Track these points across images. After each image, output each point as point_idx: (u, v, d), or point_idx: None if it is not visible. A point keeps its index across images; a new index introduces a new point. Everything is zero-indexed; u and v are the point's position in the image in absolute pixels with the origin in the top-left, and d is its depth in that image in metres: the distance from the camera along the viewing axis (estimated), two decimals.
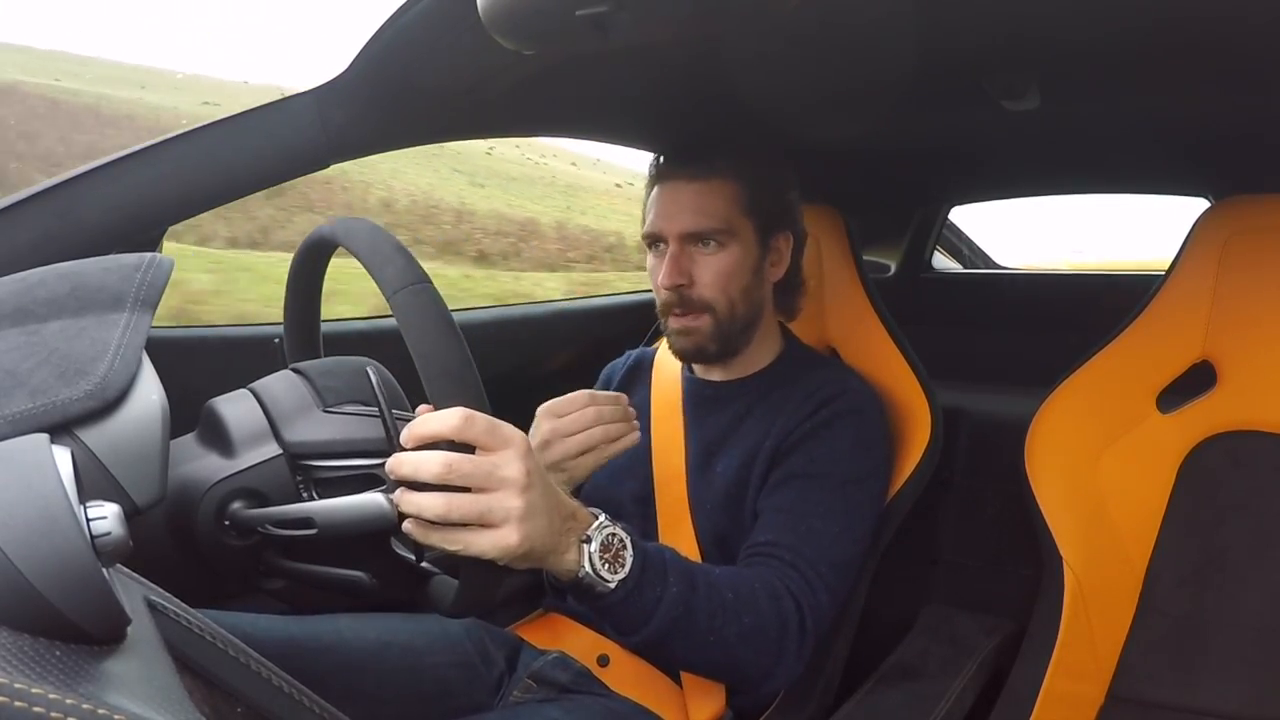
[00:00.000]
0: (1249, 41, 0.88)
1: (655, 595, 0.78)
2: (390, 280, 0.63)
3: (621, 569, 0.75)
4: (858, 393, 1.06)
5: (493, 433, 0.63)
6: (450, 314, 0.63)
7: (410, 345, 0.61)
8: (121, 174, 0.86)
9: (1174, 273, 1.11)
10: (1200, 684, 1.03)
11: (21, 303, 0.54)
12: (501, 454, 0.64)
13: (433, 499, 0.63)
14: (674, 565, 0.80)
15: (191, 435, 0.78)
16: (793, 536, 0.93)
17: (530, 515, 0.65)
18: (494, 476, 0.63)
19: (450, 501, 0.63)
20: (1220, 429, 1.07)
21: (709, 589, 0.82)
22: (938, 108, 1.21)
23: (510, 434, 0.65)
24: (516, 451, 0.64)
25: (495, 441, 0.63)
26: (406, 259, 0.65)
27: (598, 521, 0.74)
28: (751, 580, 0.88)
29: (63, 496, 0.38)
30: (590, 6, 0.64)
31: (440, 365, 0.62)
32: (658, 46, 0.90)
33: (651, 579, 0.77)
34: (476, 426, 0.62)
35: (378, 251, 0.65)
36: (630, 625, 0.79)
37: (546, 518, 0.67)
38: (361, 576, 0.74)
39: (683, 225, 1.04)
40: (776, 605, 0.87)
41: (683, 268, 1.04)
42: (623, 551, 0.75)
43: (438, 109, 1.04)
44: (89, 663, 0.35)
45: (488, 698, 1.02)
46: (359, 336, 1.35)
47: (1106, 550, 1.08)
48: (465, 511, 0.63)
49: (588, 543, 0.73)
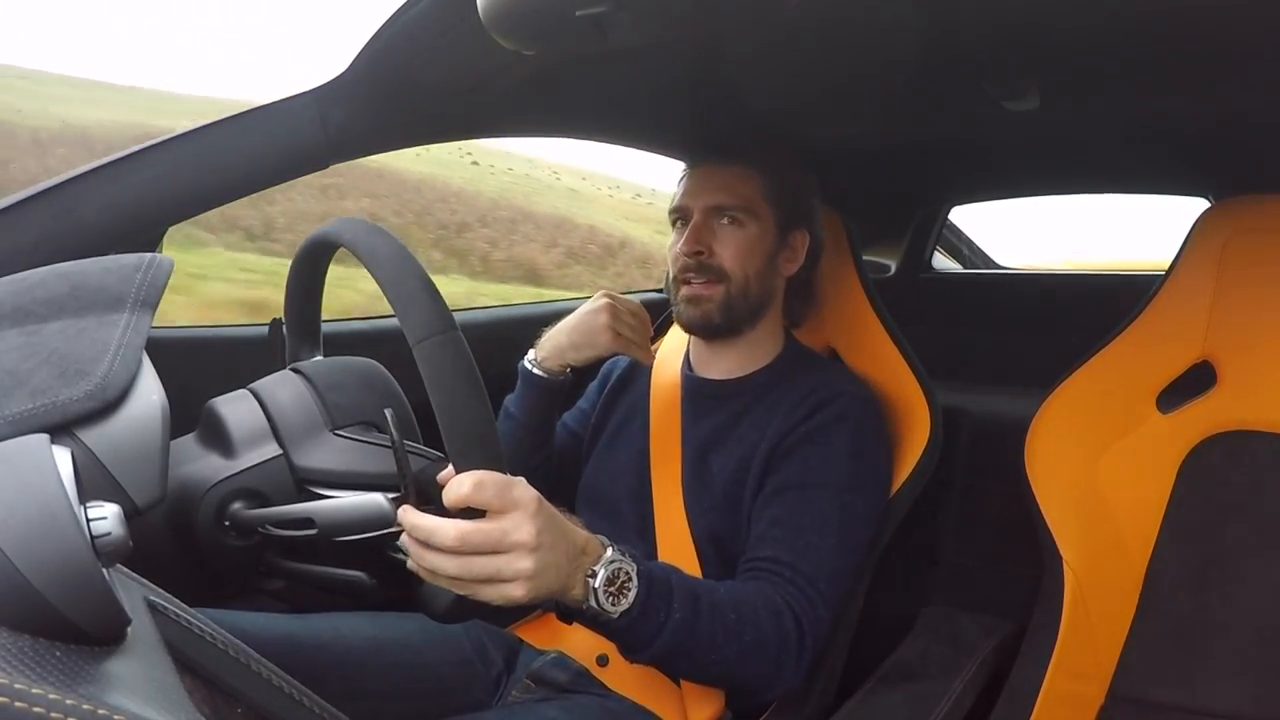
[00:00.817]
0: (1249, 41, 0.88)
1: (659, 621, 0.79)
2: (416, 326, 0.61)
3: (625, 599, 0.76)
4: (855, 397, 1.06)
5: (503, 496, 0.64)
6: (474, 367, 0.62)
7: (432, 396, 0.61)
8: (121, 174, 0.86)
9: (1174, 273, 1.11)
10: (1200, 684, 1.03)
11: (21, 303, 0.54)
12: (512, 516, 0.65)
13: (447, 562, 0.64)
14: (679, 589, 0.82)
15: (192, 435, 0.78)
16: (791, 552, 0.94)
17: (539, 573, 0.67)
18: (505, 541, 0.65)
19: (464, 566, 0.64)
20: (1220, 429, 1.07)
21: (712, 610, 0.83)
22: (938, 108, 1.21)
23: (520, 495, 0.66)
24: (526, 513, 0.66)
25: (506, 505, 0.65)
26: (434, 301, 0.63)
27: (605, 555, 0.75)
28: (754, 597, 0.89)
29: (63, 497, 0.38)
30: (590, 6, 0.64)
31: (462, 424, 0.61)
32: (657, 47, 0.90)
33: (656, 605, 0.79)
34: (487, 492, 0.63)
35: (403, 286, 0.63)
36: (633, 648, 0.81)
37: (555, 569, 0.69)
38: (361, 576, 0.74)
39: (708, 199, 1.09)
40: (777, 621, 0.89)
41: (703, 238, 1.08)
42: (628, 583, 0.76)
43: (438, 109, 1.04)
44: (89, 663, 0.35)
45: (486, 697, 1.02)
46: (359, 336, 1.35)
47: (1107, 550, 1.08)
48: (477, 574, 0.65)
49: (593, 577, 0.74)
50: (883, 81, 1.08)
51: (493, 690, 1.03)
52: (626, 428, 1.18)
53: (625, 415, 1.19)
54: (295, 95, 0.94)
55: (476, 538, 0.64)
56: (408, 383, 0.78)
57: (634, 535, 1.08)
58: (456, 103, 1.03)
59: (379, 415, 0.76)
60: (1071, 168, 1.61)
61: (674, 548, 1.05)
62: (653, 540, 1.07)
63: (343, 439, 0.76)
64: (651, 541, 1.07)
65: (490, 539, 0.64)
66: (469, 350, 0.62)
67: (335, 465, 0.75)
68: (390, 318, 1.29)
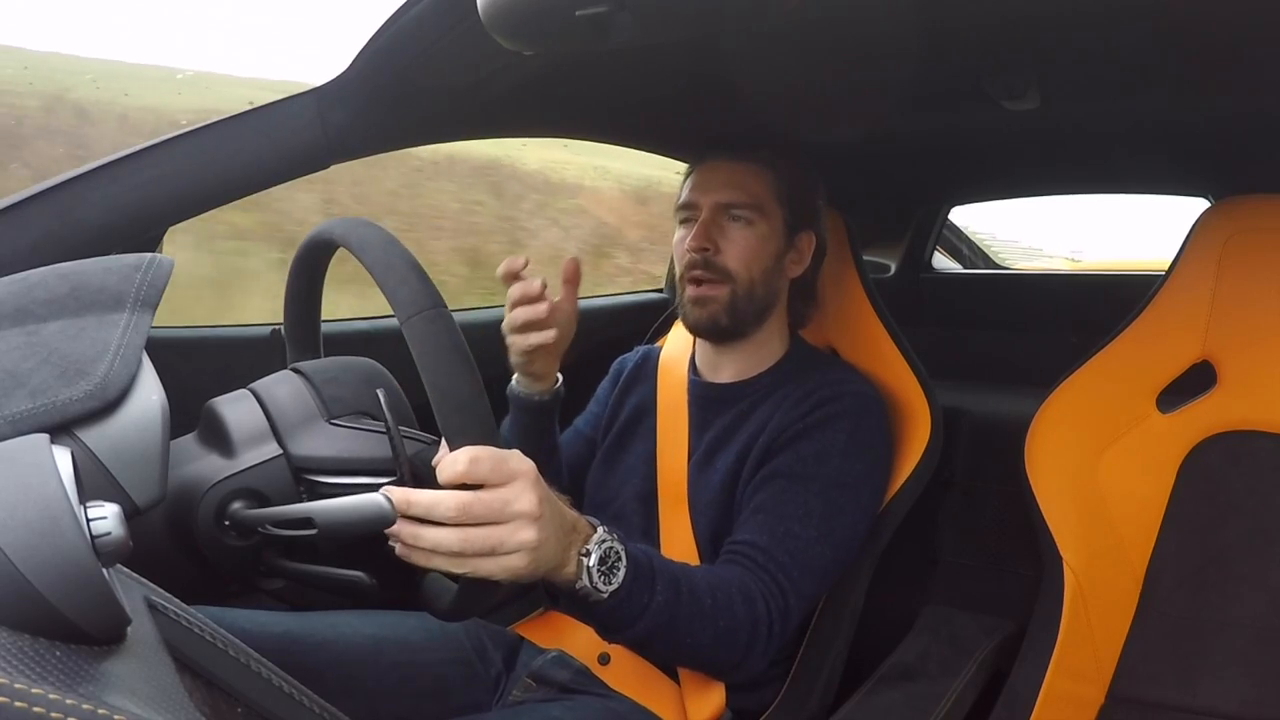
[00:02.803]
0: (1249, 42, 0.88)
1: (642, 603, 0.80)
2: (404, 304, 0.62)
3: (615, 579, 0.77)
4: (858, 394, 1.05)
5: (500, 468, 0.64)
6: (463, 342, 0.62)
7: (422, 373, 0.61)
8: (121, 174, 0.86)
9: (1174, 273, 1.11)
10: (1200, 684, 1.03)
11: (21, 303, 0.54)
12: (512, 487, 0.65)
13: (449, 535, 0.63)
14: (661, 573, 0.82)
15: (191, 435, 0.78)
16: (770, 539, 0.94)
17: (541, 544, 0.67)
18: (507, 511, 0.64)
19: (465, 538, 0.63)
20: (1220, 429, 1.07)
21: (690, 596, 0.84)
22: (938, 108, 1.21)
23: (518, 466, 0.65)
24: (526, 482, 0.65)
25: (504, 475, 0.64)
26: (421, 280, 0.63)
27: (597, 534, 0.76)
28: (729, 584, 0.89)
29: (63, 497, 0.38)
30: (590, 6, 0.64)
31: (452, 399, 0.62)
32: (658, 46, 0.90)
33: (641, 588, 0.79)
34: (483, 466, 0.63)
35: (391, 269, 0.64)
36: (615, 628, 0.82)
37: (555, 541, 0.69)
38: (361, 576, 0.74)
39: (717, 196, 1.07)
40: (750, 609, 0.89)
41: (711, 234, 1.07)
42: (618, 563, 0.77)
43: (438, 109, 1.04)
44: (89, 663, 0.35)
45: (486, 696, 1.02)
46: (359, 336, 1.35)
47: (1106, 550, 1.08)
48: (480, 546, 0.64)
49: (587, 556, 0.74)
50: (883, 81, 1.08)
51: (493, 690, 1.03)
52: (634, 430, 1.18)
53: (633, 416, 1.19)
54: (295, 95, 0.94)
55: (478, 508, 0.63)
56: (408, 383, 0.78)
57: (638, 536, 1.08)
58: (456, 102, 1.03)
59: (375, 407, 0.76)
60: (1071, 168, 1.62)
61: (677, 551, 1.04)
62: (656, 542, 1.07)
63: (339, 427, 0.76)
64: (655, 543, 1.07)
65: (492, 509, 0.63)
66: (457, 325, 0.62)
67: (331, 452, 0.75)
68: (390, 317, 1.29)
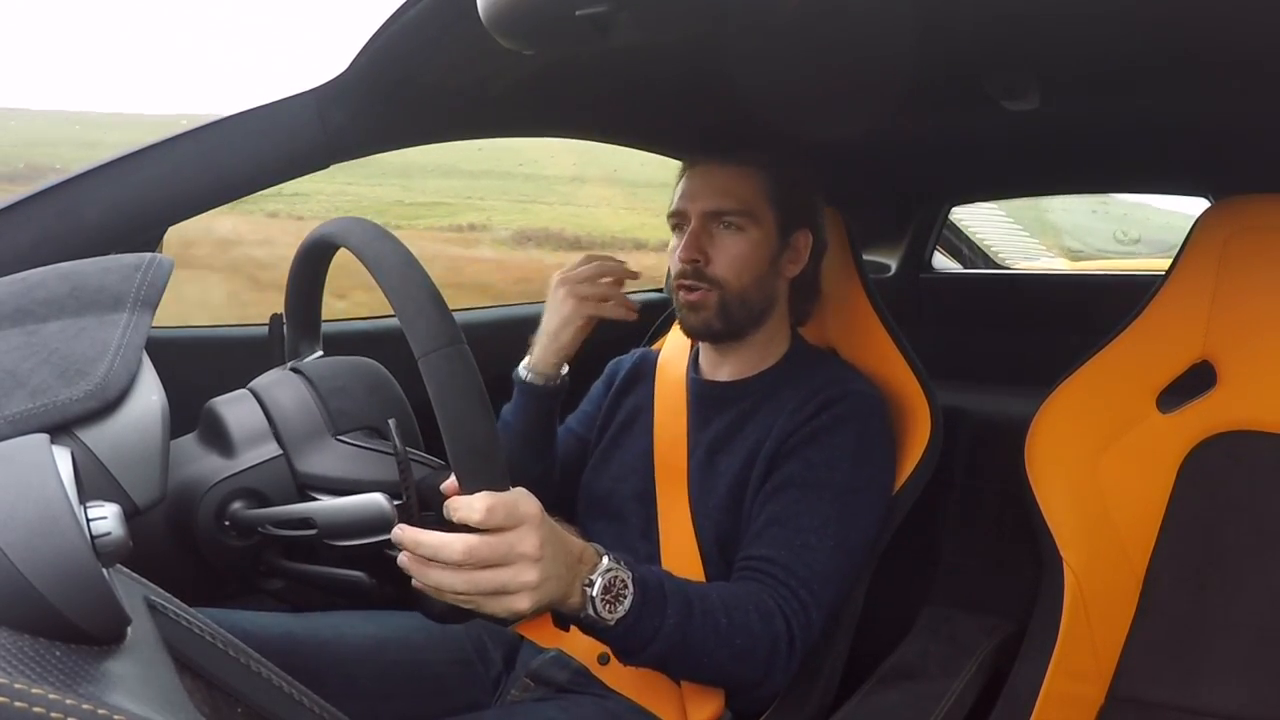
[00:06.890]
0: (1249, 42, 0.88)
1: (653, 627, 0.79)
2: (422, 338, 0.61)
3: (621, 606, 0.76)
4: (861, 396, 1.05)
5: (511, 515, 0.65)
6: (480, 381, 0.62)
7: (437, 411, 0.61)
8: (121, 174, 0.86)
9: (1174, 273, 1.11)
10: (1200, 684, 1.02)
11: (21, 303, 0.54)
12: (517, 531, 0.65)
13: (455, 578, 0.65)
14: (673, 595, 0.82)
15: (191, 435, 0.78)
16: (787, 553, 0.94)
17: (543, 583, 0.67)
18: (511, 554, 0.65)
19: (470, 581, 0.65)
20: (1220, 429, 1.07)
21: (705, 616, 0.83)
22: (937, 107, 1.21)
23: (525, 510, 0.66)
24: (531, 526, 0.66)
25: (513, 522, 0.65)
26: (440, 313, 0.62)
27: (602, 564, 0.75)
28: (746, 601, 0.89)
29: (63, 497, 0.38)
30: (590, 6, 0.64)
31: (467, 442, 0.62)
32: (657, 46, 0.90)
33: (651, 612, 0.79)
34: (498, 516, 0.64)
35: (410, 298, 0.62)
36: (628, 651, 0.82)
37: (557, 579, 0.70)
38: (361, 577, 0.74)
39: (706, 204, 1.06)
40: (768, 625, 0.88)
41: (701, 244, 1.06)
42: (624, 591, 0.77)
43: (438, 109, 1.04)
44: (89, 663, 0.35)
45: (485, 696, 1.02)
46: (359, 336, 1.35)
47: (1107, 551, 1.07)
48: (484, 588, 0.65)
49: (590, 586, 0.74)
50: (882, 81, 1.07)
51: (492, 690, 1.03)
52: (630, 429, 1.17)
53: (629, 416, 1.19)
54: (294, 95, 0.94)
55: (484, 551, 0.64)
56: (408, 383, 0.78)
57: (638, 537, 1.08)
58: (456, 103, 1.03)
59: (381, 420, 0.76)
60: (1071, 167, 1.61)
61: (678, 551, 1.04)
62: (656, 542, 1.06)
63: (345, 445, 0.76)
64: (655, 544, 1.06)
65: (497, 552, 0.64)
66: (475, 364, 0.62)
67: (338, 472, 0.75)
68: (390, 317, 1.29)
